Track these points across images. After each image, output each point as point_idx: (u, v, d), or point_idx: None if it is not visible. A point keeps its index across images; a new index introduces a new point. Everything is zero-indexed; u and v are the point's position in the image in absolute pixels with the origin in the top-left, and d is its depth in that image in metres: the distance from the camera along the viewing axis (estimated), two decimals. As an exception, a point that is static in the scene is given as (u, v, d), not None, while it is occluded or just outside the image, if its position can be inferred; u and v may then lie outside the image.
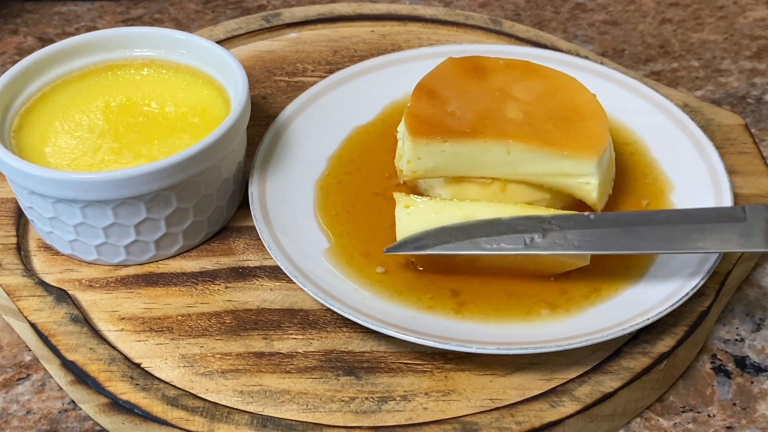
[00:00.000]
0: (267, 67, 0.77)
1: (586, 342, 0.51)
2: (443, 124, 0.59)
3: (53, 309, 0.56)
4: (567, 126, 0.60)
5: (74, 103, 0.63)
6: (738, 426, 0.53)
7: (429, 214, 0.56)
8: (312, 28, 0.82)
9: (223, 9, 0.94)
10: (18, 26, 0.92)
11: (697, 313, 0.56)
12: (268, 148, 0.64)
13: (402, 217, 0.56)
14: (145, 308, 0.57)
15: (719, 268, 0.58)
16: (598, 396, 0.52)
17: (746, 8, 0.92)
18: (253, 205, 0.60)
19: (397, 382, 0.53)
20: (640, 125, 0.67)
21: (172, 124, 0.62)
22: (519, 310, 0.55)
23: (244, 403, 0.52)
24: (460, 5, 0.95)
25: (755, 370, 0.57)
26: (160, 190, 0.56)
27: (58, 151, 0.59)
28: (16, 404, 0.55)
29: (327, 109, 0.69)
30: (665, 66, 0.84)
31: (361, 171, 0.65)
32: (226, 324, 0.56)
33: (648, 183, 0.64)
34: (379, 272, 0.58)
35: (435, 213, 0.56)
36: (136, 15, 0.93)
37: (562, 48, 0.78)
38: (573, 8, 0.93)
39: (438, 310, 0.55)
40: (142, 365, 0.54)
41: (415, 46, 0.79)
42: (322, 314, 0.57)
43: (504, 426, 0.50)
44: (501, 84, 0.63)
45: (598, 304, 0.55)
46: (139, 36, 0.66)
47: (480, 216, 0.56)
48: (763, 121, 0.77)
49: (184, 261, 0.60)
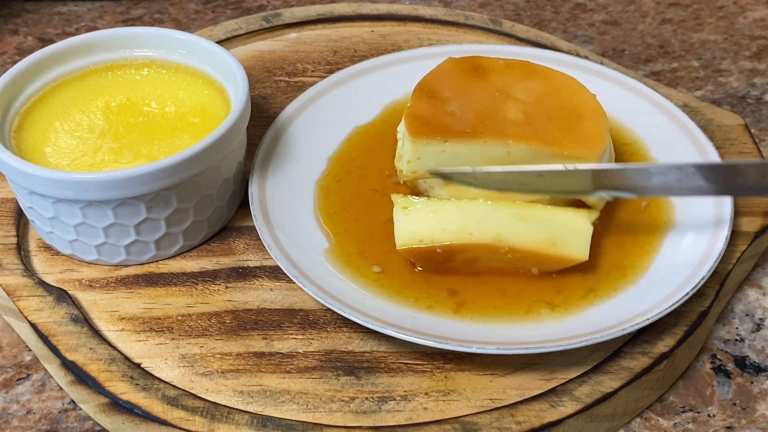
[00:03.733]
0: (267, 67, 0.77)
1: (586, 342, 0.51)
2: (443, 124, 0.59)
3: (53, 309, 0.56)
4: (567, 126, 0.60)
5: (74, 103, 0.63)
6: (738, 426, 0.53)
7: (427, 215, 0.56)
8: (312, 28, 0.82)
9: (223, 9, 0.94)
10: (18, 26, 0.92)
11: (697, 313, 0.56)
12: (268, 148, 0.64)
13: (400, 218, 0.56)
14: (145, 308, 0.57)
15: (719, 268, 0.58)
16: (598, 396, 0.52)
17: (746, 8, 0.92)
18: (253, 205, 0.60)
19: (397, 382, 0.53)
20: (640, 125, 0.67)
21: (172, 124, 0.62)
22: (518, 309, 0.55)
23: (244, 403, 0.52)
24: (460, 5, 0.95)
25: (755, 370, 0.57)
26: (160, 190, 0.56)
27: (58, 151, 0.59)
28: (16, 404, 0.55)
29: (327, 109, 0.69)
30: (665, 66, 0.84)
31: (362, 171, 0.65)
32: (226, 324, 0.56)
33: (648, 183, 0.64)
34: (375, 272, 0.58)
35: (433, 213, 0.56)
36: (136, 15, 0.93)
37: (562, 48, 0.78)
38: (573, 8, 0.93)
39: (437, 310, 0.55)
40: (142, 365, 0.54)
41: (415, 46, 0.79)
42: (322, 314, 0.57)
43: (504, 426, 0.50)
44: (501, 84, 0.63)
45: (598, 304, 0.55)
46: (139, 36, 0.66)
47: (477, 216, 0.56)
48: (763, 121, 0.77)
49: (184, 261, 0.60)
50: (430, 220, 0.56)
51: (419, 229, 0.56)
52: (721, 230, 0.57)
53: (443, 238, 0.56)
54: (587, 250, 0.56)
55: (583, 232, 0.56)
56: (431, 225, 0.56)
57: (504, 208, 0.56)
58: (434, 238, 0.56)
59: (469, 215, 0.56)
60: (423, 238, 0.56)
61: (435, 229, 0.56)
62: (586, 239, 0.56)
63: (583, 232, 0.56)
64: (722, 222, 0.58)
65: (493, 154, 0.59)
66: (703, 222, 0.58)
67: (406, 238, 0.56)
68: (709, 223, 0.58)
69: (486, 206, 0.56)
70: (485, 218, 0.56)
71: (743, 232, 0.61)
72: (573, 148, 0.58)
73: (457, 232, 0.56)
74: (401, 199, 0.57)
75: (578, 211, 0.57)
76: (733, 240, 0.60)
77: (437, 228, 0.56)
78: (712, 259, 0.55)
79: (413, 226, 0.56)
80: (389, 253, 0.58)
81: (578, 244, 0.56)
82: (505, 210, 0.56)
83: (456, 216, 0.56)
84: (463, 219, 0.56)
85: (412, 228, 0.56)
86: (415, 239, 0.56)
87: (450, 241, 0.56)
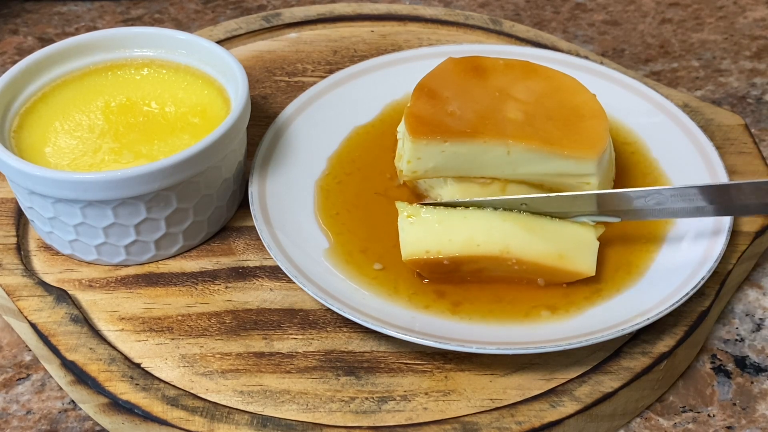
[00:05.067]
0: (267, 67, 0.77)
1: (586, 342, 0.51)
2: (443, 124, 0.59)
3: (53, 309, 0.56)
4: (567, 126, 0.60)
5: (74, 103, 0.63)
6: (738, 426, 0.53)
7: (432, 225, 0.56)
8: (312, 28, 0.82)
9: (223, 9, 0.94)
10: (18, 26, 0.92)
11: (697, 313, 0.56)
12: (268, 148, 0.64)
13: (405, 228, 0.56)
14: (145, 308, 0.57)
15: (719, 268, 0.58)
16: (598, 396, 0.52)
17: (746, 8, 0.92)
18: (253, 205, 0.60)
19: (397, 382, 0.53)
20: (640, 125, 0.67)
21: (172, 124, 0.62)
22: (519, 310, 0.55)
23: (244, 403, 0.52)
24: (460, 5, 0.95)
25: (755, 370, 0.57)
26: (160, 190, 0.56)
27: (58, 151, 0.59)
28: (16, 404, 0.55)
29: (327, 109, 0.69)
30: (665, 66, 0.84)
31: (362, 171, 0.65)
32: (226, 324, 0.56)
33: (648, 183, 0.63)
34: (376, 269, 0.58)
35: (438, 223, 0.56)
36: (136, 15, 0.93)
37: (562, 48, 0.78)
38: (573, 8, 0.93)
39: (437, 310, 0.55)
40: (142, 365, 0.54)
41: (415, 46, 0.79)
42: (322, 314, 0.57)
43: (504, 426, 0.50)
44: (501, 84, 0.63)
45: (598, 304, 0.55)
46: (139, 36, 0.66)
47: (484, 227, 0.55)
48: (763, 121, 0.77)
49: (184, 261, 0.60)
50: (436, 230, 0.55)
51: (425, 240, 0.55)
52: (721, 230, 0.57)
53: (450, 249, 0.55)
54: (594, 264, 0.56)
55: (590, 246, 0.56)
56: (437, 235, 0.55)
57: (511, 219, 0.56)
58: (441, 249, 0.55)
59: (475, 226, 0.55)
60: (429, 249, 0.55)
61: (441, 239, 0.55)
62: (593, 253, 0.56)
63: (590, 246, 0.56)
64: (722, 222, 0.58)
65: (493, 154, 0.59)
66: (703, 222, 0.58)
67: (413, 249, 0.55)
68: (709, 223, 0.58)
69: (493, 216, 0.56)
70: (492, 229, 0.55)
71: (743, 232, 0.61)
72: (573, 148, 0.58)
73: (464, 243, 0.55)
74: (406, 207, 0.56)
75: (585, 225, 0.56)
76: (733, 240, 0.60)
77: (443, 239, 0.55)
78: (712, 259, 0.55)
79: (419, 236, 0.55)
80: (393, 249, 0.58)
81: (585, 258, 0.55)
82: (512, 221, 0.56)
83: (462, 226, 0.55)
84: (470, 229, 0.55)
85: (418, 238, 0.55)
86: (421, 250, 0.55)
87: (457, 253, 0.55)
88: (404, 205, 0.57)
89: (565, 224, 0.56)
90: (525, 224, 0.56)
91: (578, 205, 0.56)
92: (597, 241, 0.56)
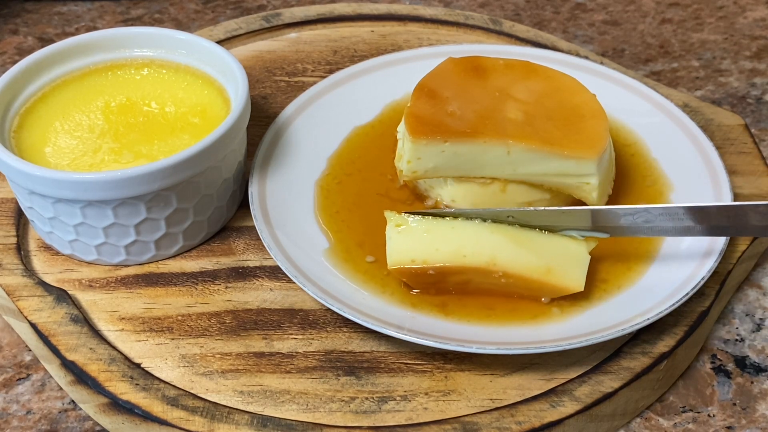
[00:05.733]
0: (267, 67, 0.77)
1: (586, 342, 0.51)
2: (443, 124, 0.59)
3: (53, 309, 0.56)
4: (567, 126, 0.60)
5: (74, 103, 0.63)
6: (738, 426, 0.53)
7: (420, 234, 0.55)
8: (312, 28, 0.82)
9: (223, 9, 0.94)
10: (18, 26, 0.92)
11: (697, 313, 0.56)
12: (268, 148, 0.64)
13: (392, 236, 0.55)
14: (145, 308, 0.57)
15: (719, 268, 0.58)
16: (598, 396, 0.52)
17: (746, 8, 0.92)
18: (253, 205, 0.60)
19: (397, 382, 0.53)
20: (640, 125, 0.67)
21: (172, 124, 0.62)
22: (519, 311, 0.55)
23: (244, 403, 0.52)
24: (460, 5, 0.95)
25: (755, 370, 0.57)
26: (160, 190, 0.56)
27: (58, 151, 0.59)
28: (16, 404, 0.55)
29: (327, 109, 0.69)
30: (665, 66, 0.84)
31: (362, 171, 0.65)
32: (226, 324, 0.56)
33: (648, 183, 0.64)
34: (369, 261, 0.57)
35: (426, 233, 0.55)
36: (136, 15, 0.93)
37: (562, 48, 0.78)
38: (573, 8, 0.93)
39: (436, 310, 0.55)
40: (142, 365, 0.54)
41: (415, 46, 0.79)
42: (322, 314, 0.57)
43: (504, 426, 0.50)
44: (501, 84, 0.63)
45: (598, 304, 0.55)
46: (139, 36, 0.66)
47: (472, 238, 0.54)
48: (763, 121, 0.77)
49: (184, 261, 0.60)
50: (423, 239, 0.55)
51: (412, 249, 0.54)
52: (721, 230, 0.57)
53: (436, 258, 0.54)
54: (583, 280, 0.54)
55: (580, 260, 0.54)
56: (424, 244, 0.54)
57: (500, 231, 0.55)
58: (427, 258, 0.54)
59: (464, 236, 0.54)
60: (415, 258, 0.54)
61: (428, 249, 0.54)
62: (583, 269, 0.54)
63: (579, 260, 0.54)
64: (722, 222, 0.58)
65: (493, 154, 0.59)
66: (703, 222, 0.58)
67: (398, 258, 0.55)
68: (709, 223, 0.58)
69: (482, 227, 0.55)
70: (480, 240, 0.54)
71: (743, 232, 0.61)
72: (573, 148, 0.58)
73: (451, 253, 0.54)
74: (394, 217, 0.55)
75: (576, 239, 0.55)
76: (733, 240, 0.60)
77: (430, 248, 0.54)
78: (712, 259, 0.55)
79: (406, 245, 0.54)
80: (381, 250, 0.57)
81: (574, 274, 0.54)
82: (501, 233, 0.55)
83: (450, 236, 0.55)
84: (458, 240, 0.54)
85: (405, 247, 0.54)
86: (407, 259, 0.54)
87: (443, 263, 0.54)
88: (393, 214, 0.56)
89: (555, 238, 0.55)
90: (513, 236, 0.54)
91: (566, 220, 0.55)
92: (588, 256, 0.55)
